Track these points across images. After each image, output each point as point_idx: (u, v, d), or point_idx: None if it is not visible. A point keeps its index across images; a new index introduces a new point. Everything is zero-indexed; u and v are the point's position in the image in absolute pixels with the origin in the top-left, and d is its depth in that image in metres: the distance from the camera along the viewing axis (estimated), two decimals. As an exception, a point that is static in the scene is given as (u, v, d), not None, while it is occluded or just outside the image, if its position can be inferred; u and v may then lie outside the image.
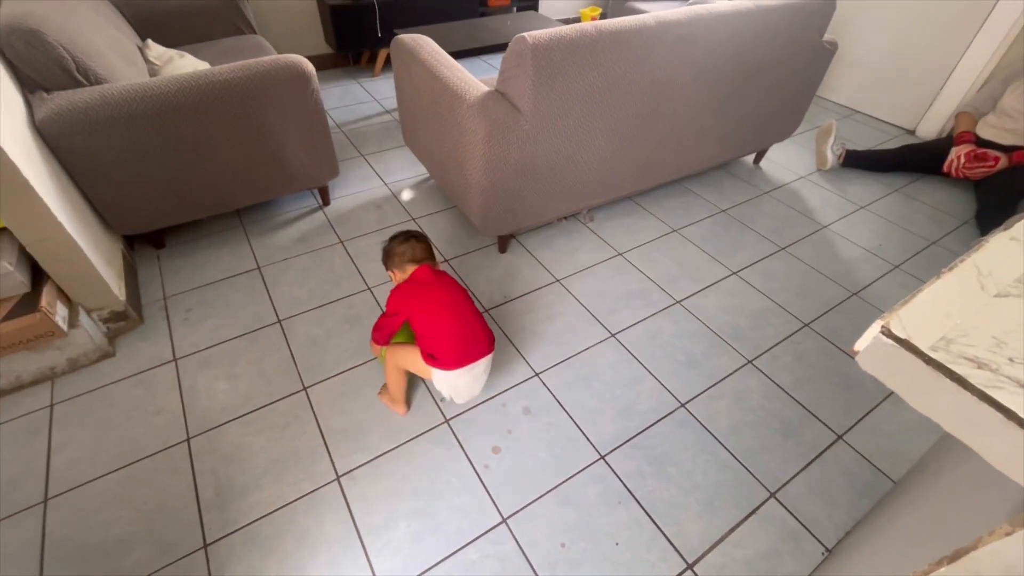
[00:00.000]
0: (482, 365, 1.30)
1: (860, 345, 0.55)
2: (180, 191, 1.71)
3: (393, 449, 1.32)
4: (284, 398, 1.43)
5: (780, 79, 2.08)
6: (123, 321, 1.57)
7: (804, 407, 1.46)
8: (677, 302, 1.76)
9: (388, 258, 1.39)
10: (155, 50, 2.00)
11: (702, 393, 1.48)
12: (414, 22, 3.13)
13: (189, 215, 1.80)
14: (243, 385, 1.46)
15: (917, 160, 2.46)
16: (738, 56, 1.84)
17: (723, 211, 2.21)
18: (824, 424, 1.42)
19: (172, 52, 2.03)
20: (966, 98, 2.59)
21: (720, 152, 2.21)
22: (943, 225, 2.19)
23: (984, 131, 2.33)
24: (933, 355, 0.48)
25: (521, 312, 1.70)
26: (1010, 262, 0.59)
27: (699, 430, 1.39)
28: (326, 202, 2.13)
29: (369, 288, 1.77)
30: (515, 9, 3.60)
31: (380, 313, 1.67)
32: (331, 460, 1.30)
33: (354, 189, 2.24)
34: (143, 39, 2.12)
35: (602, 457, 1.32)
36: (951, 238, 2.12)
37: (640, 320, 1.69)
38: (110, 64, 1.58)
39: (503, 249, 1.93)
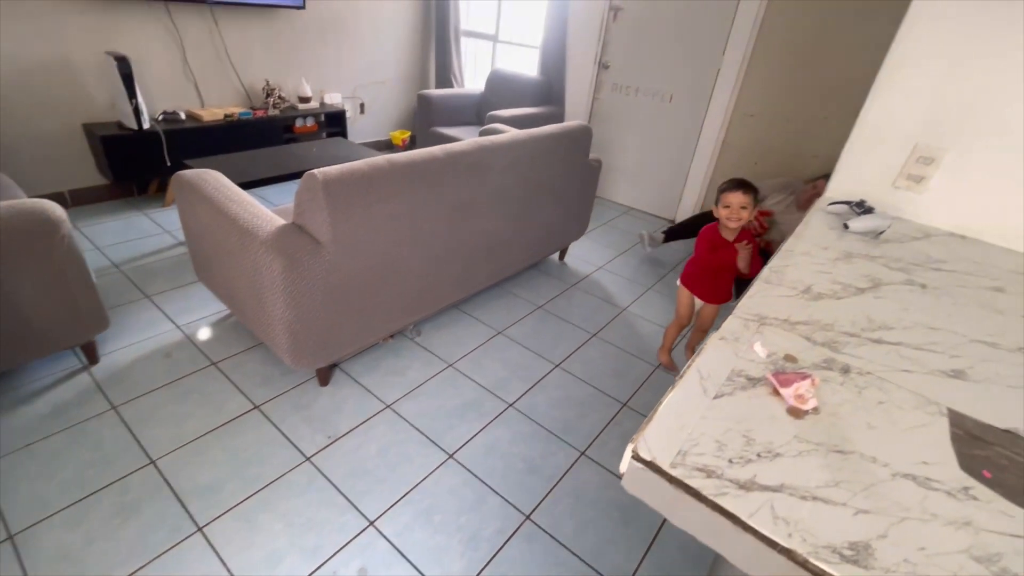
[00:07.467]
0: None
1: (622, 468, 0.58)
2: None
3: None
4: (11, 653, 1.03)
5: (562, 191, 2.42)
6: None
7: (636, 487, 1.54)
8: (510, 405, 1.79)
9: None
10: None
11: (545, 498, 1.47)
12: (211, 150, 2.98)
13: None
14: (-62, 653, 1.02)
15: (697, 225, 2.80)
16: (524, 176, 2.11)
17: (540, 307, 2.39)
18: (655, 500, 1.50)
19: None
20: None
21: (526, 255, 2.43)
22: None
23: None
24: (673, 472, 0.53)
25: (349, 451, 1.55)
26: (721, 362, 0.71)
27: (547, 541, 1.36)
28: (93, 360, 1.75)
29: (153, 461, 1.45)
30: (324, 135, 3.68)
31: (168, 490, 1.37)
32: None
33: (135, 338, 1.90)
34: None
35: (452, 605, 1.20)
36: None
37: (476, 433, 1.66)
38: None
39: (324, 382, 1.78)
